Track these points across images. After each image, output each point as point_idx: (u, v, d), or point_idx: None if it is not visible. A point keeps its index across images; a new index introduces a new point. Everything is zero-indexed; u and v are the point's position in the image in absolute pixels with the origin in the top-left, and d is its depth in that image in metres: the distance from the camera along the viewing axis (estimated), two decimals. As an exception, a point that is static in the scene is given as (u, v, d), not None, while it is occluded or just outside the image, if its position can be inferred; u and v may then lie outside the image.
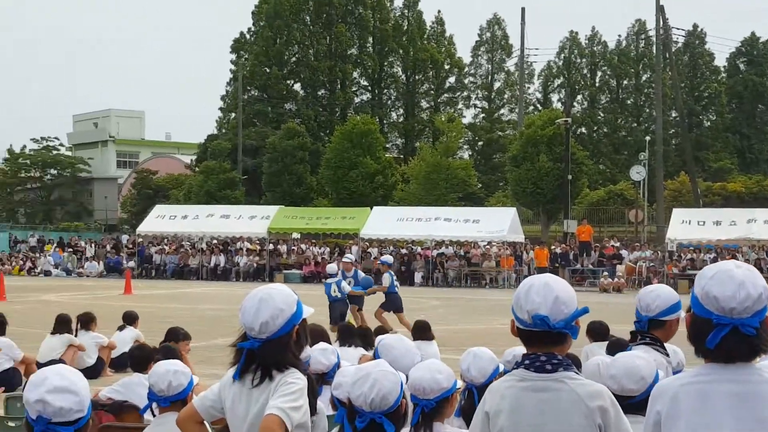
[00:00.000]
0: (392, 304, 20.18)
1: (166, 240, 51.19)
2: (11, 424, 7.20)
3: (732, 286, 3.19)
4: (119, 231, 64.69)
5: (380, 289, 20.47)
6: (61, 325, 14.31)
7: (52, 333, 14.25)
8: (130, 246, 53.06)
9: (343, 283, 19.96)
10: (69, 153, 77.21)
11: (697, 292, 3.27)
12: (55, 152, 73.52)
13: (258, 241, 49.10)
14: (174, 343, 10.20)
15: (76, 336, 14.40)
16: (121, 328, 15.31)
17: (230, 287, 40.75)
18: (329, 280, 20.12)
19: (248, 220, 46.85)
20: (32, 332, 17.81)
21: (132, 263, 49.42)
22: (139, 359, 8.57)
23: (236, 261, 48.04)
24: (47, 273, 50.41)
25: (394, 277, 20.50)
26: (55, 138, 74.19)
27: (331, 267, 21.34)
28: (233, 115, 69.44)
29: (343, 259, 22.94)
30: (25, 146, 75.90)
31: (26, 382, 3.54)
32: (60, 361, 13.50)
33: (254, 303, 4.10)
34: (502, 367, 5.79)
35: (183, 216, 48.59)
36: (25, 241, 58.48)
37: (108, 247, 54.53)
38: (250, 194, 60.17)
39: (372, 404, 4.11)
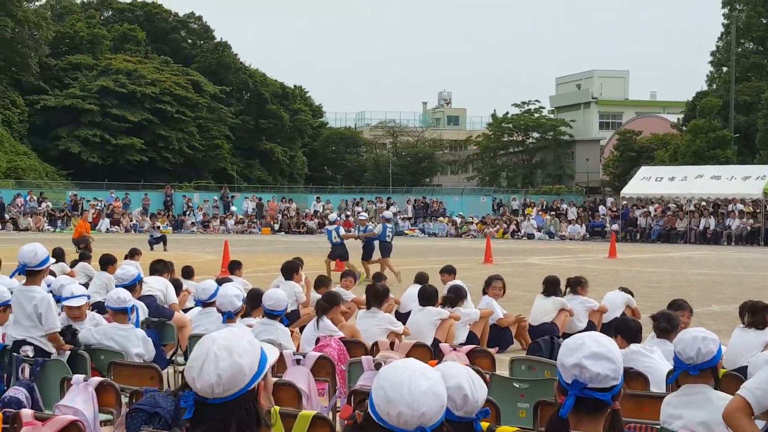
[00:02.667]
0: (384, 250, 23.62)
1: (651, 202, 49.74)
2: (516, 385, 7.14)
3: None
4: (601, 193, 64.09)
5: (370, 235, 24.14)
6: (551, 285, 13.75)
7: (544, 294, 13.70)
8: (614, 209, 52.30)
9: (341, 230, 24.35)
10: (551, 116, 77.84)
11: None
12: (537, 115, 74.41)
13: (752, 203, 46.13)
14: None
15: (564, 299, 13.77)
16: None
17: (721, 251, 38.97)
18: (330, 227, 24.13)
19: (741, 181, 44.88)
20: (520, 295, 17.44)
21: (616, 226, 48.60)
22: (630, 327, 8.18)
23: (727, 224, 45.59)
24: (530, 236, 50.99)
25: (389, 229, 24.05)
26: (536, 101, 75.14)
27: (332, 216, 26.88)
28: (725, 69, 65.75)
29: (359, 217, 28.56)
30: (507, 112, 77.70)
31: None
32: (552, 324, 12.88)
33: None
34: None
35: (669, 177, 47.47)
36: (506, 205, 59.79)
37: (590, 210, 54.15)
38: (742, 153, 56.74)
39: None
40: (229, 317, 8.52)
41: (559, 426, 3.38)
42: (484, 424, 3.89)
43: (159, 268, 12.60)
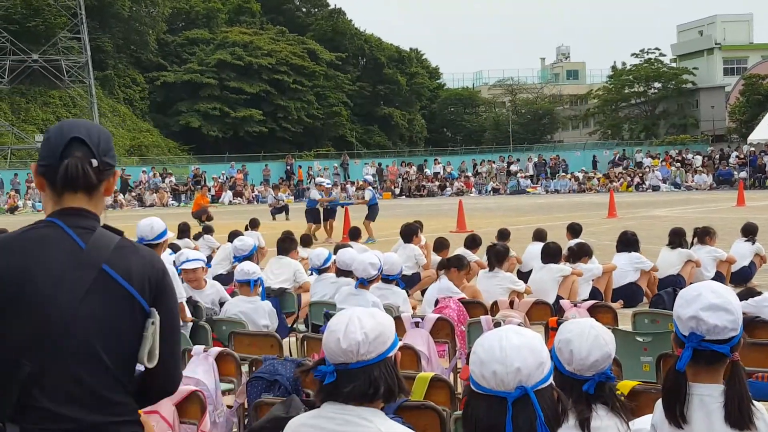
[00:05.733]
0: (372, 213, 25.09)
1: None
2: (639, 339, 7.08)
3: None
4: (727, 141, 62.34)
5: (363, 202, 26.47)
6: (675, 237, 13.44)
7: (669, 246, 13.39)
8: (741, 156, 50.84)
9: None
10: (673, 65, 75.96)
11: None
12: (657, 65, 72.70)
13: None
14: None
15: (691, 249, 13.47)
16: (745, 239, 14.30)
17: None
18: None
19: None
20: (646, 248, 17.03)
21: (743, 173, 47.25)
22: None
23: None
24: (655, 188, 50.02)
25: (374, 192, 26.53)
26: (656, 49, 73.35)
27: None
28: None
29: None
30: (624, 63, 76.13)
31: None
32: (678, 276, 12.59)
33: None
34: None
35: (800, 119, 45.80)
36: (630, 157, 58.75)
37: (717, 159, 52.83)
38: None
39: None
40: (361, 283, 8.56)
41: (677, 379, 3.35)
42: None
43: (286, 246, 11.89)
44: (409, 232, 14.26)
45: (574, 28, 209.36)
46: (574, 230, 14.54)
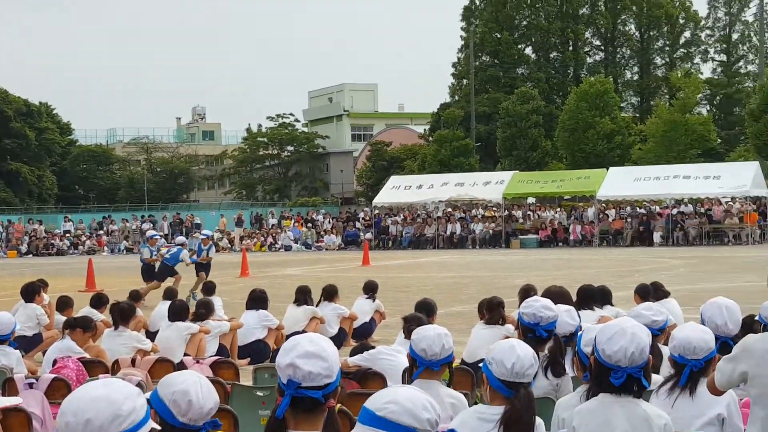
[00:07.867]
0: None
1: (402, 210, 51.06)
2: (259, 393, 7.26)
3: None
4: (355, 204, 65.25)
5: (208, 259, 24.51)
6: (302, 295, 13.82)
7: (295, 303, 13.80)
8: (367, 218, 53.31)
9: (183, 252, 23.83)
10: (305, 129, 78.73)
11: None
12: (290, 128, 75.08)
13: (494, 208, 48.36)
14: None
15: (317, 307, 13.80)
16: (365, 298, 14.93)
17: (466, 255, 40.55)
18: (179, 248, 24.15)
19: (483, 187, 46.99)
20: (277, 306, 17.47)
21: (369, 235, 49.57)
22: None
23: (472, 228, 47.39)
24: (287, 248, 51.23)
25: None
26: (290, 114, 75.79)
27: (180, 239, 27.63)
28: (465, 82, 68.72)
29: (200, 236, 27.00)
30: (260, 125, 78.03)
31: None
32: (303, 332, 12.91)
33: None
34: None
35: (418, 186, 48.95)
36: (265, 218, 59.88)
37: (345, 221, 55.02)
38: (484, 161, 59.55)
39: (631, 358, 4.10)
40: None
41: (276, 427, 3.41)
42: (219, 434, 3.74)
43: None
44: (30, 291, 13.71)
45: (210, 89, 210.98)
46: (208, 289, 14.66)
